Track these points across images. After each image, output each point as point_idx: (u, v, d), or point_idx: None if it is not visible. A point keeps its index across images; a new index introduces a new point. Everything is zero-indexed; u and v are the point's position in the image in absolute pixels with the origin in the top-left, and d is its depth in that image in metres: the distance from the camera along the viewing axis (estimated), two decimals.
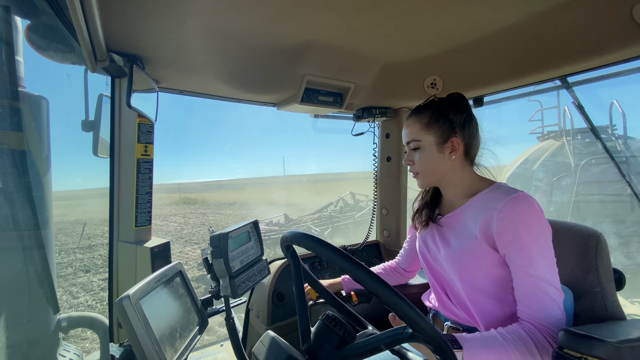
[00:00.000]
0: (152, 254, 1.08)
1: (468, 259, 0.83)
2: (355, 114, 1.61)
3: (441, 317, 0.96)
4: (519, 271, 0.75)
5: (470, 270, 0.84)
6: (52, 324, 1.10)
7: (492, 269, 0.80)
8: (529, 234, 0.74)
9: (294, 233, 0.68)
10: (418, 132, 0.89)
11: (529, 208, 0.76)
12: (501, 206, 0.77)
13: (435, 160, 0.89)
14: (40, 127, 1.07)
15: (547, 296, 0.71)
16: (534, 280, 0.72)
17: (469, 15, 0.87)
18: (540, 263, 0.73)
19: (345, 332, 0.61)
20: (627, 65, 0.97)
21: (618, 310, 0.86)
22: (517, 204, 0.76)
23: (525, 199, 0.77)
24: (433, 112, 0.89)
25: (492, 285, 0.81)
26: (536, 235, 0.74)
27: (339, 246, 1.49)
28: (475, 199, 0.86)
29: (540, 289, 0.72)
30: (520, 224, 0.74)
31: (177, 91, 1.25)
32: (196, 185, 78.04)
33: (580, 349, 0.58)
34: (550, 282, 0.72)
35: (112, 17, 0.76)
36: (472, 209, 0.86)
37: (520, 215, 0.75)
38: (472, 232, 0.83)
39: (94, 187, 56.45)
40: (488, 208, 0.80)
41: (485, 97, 1.39)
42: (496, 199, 0.80)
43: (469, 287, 0.85)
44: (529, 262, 0.73)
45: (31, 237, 1.02)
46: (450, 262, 0.88)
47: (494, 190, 0.84)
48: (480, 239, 0.80)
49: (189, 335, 0.82)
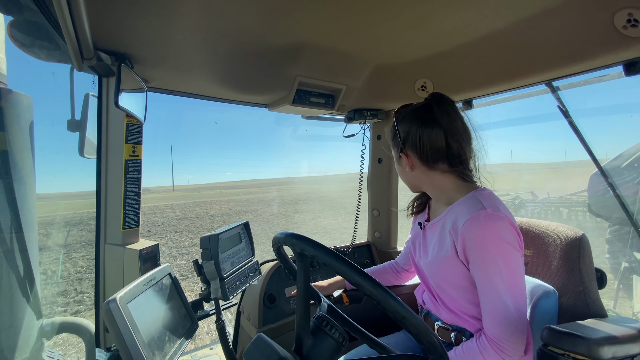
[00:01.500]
0: (140, 257, 1.06)
1: (441, 271, 0.85)
2: (346, 115, 1.62)
3: (432, 317, 0.97)
4: (479, 288, 0.77)
5: (445, 283, 0.86)
6: (35, 329, 1.07)
7: (464, 282, 0.82)
8: (486, 255, 0.74)
9: (285, 234, 0.67)
10: (388, 146, 0.96)
11: (487, 229, 0.73)
12: (461, 225, 0.76)
13: (401, 172, 0.95)
14: (23, 126, 1.04)
15: (501, 315, 0.73)
16: (492, 300, 0.74)
17: (458, 20, 0.88)
18: (497, 284, 0.73)
19: (339, 334, 0.61)
20: (610, 70, 1.00)
21: (600, 308, 0.89)
22: (475, 225, 0.74)
23: (485, 219, 0.73)
24: (391, 127, 0.93)
25: (469, 294, 0.83)
26: (493, 257, 0.73)
27: (331, 247, 1.49)
28: (449, 209, 0.84)
29: (495, 307, 0.74)
30: (477, 245, 0.74)
31: (166, 91, 1.23)
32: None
33: (564, 346, 0.60)
34: (507, 302, 0.73)
35: (99, 15, 0.74)
36: (446, 220, 0.84)
37: (477, 237, 0.74)
38: (444, 244, 0.83)
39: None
40: (456, 222, 0.79)
41: (475, 100, 1.42)
42: (463, 213, 0.78)
43: (447, 295, 0.88)
44: (487, 282, 0.74)
45: (13, 240, 0.99)
46: (427, 271, 0.91)
47: (465, 201, 0.81)
48: (451, 253, 0.80)
49: (178, 338, 0.81)
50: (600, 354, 0.57)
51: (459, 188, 0.86)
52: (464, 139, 0.85)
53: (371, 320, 1.39)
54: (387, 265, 1.26)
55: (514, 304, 0.73)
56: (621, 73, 0.95)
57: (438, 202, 0.92)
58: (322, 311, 0.68)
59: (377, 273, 1.25)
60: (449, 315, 0.89)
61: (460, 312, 0.86)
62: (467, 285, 0.81)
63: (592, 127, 47.43)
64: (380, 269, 1.26)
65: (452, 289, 0.85)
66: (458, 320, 0.88)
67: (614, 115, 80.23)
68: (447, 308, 0.90)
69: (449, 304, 0.89)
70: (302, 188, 45.49)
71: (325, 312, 0.67)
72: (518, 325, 0.72)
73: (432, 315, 0.98)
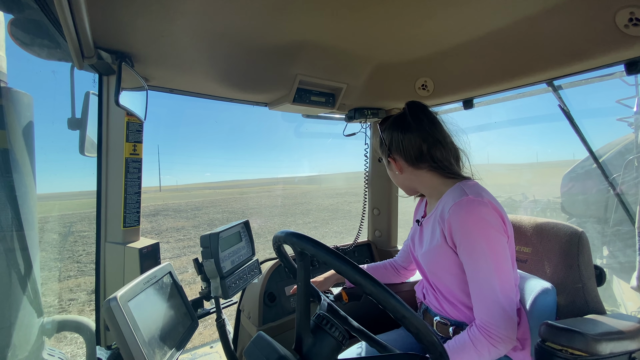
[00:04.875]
0: (140, 255, 1.07)
1: (435, 259, 0.88)
2: (347, 114, 1.62)
3: (431, 313, 0.98)
4: (468, 274, 0.79)
5: (439, 271, 0.89)
6: (36, 327, 1.07)
7: (455, 269, 0.84)
8: (470, 239, 0.76)
9: (286, 233, 0.68)
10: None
11: (469, 214, 0.77)
12: (447, 212, 0.81)
13: (393, 177, 1.01)
14: (24, 124, 1.04)
15: (489, 299, 0.74)
16: (479, 284, 0.76)
17: (459, 19, 0.88)
18: (483, 267, 0.75)
19: (339, 333, 0.61)
20: (611, 69, 1.00)
21: (598, 305, 0.90)
22: (459, 211, 0.78)
23: (467, 204, 0.77)
24: (378, 137, 1.01)
25: (462, 283, 0.85)
26: (478, 240, 0.76)
27: (332, 246, 1.50)
28: (439, 202, 0.90)
29: (482, 291, 0.75)
30: (462, 230, 0.77)
31: (167, 89, 1.23)
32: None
33: (561, 341, 0.60)
34: (494, 286, 0.74)
35: (100, 13, 0.74)
36: (437, 212, 0.90)
37: (460, 222, 0.78)
38: (435, 234, 0.88)
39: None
40: (443, 211, 0.84)
41: (475, 99, 1.42)
42: (448, 202, 0.83)
43: (443, 284, 0.90)
44: (474, 266, 0.77)
45: (14, 239, 0.99)
46: (423, 262, 0.94)
47: (451, 191, 0.86)
48: (441, 241, 0.84)
49: (179, 337, 0.81)
50: (598, 349, 0.57)
51: (445, 182, 0.92)
52: (439, 139, 0.92)
53: (371, 317, 1.40)
54: (387, 262, 1.27)
55: (501, 288, 0.74)
56: (622, 72, 0.95)
57: (431, 199, 0.98)
58: (322, 310, 0.68)
59: (376, 269, 1.26)
60: (447, 305, 0.91)
61: (457, 302, 0.89)
62: (459, 272, 0.84)
63: (592, 127, 47.97)
64: (380, 265, 1.27)
65: (447, 276, 0.87)
66: (456, 312, 0.89)
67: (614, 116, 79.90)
68: (444, 298, 0.92)
69: (445, 294, 0.91)
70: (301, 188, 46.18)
71: (325, 310, 0.68)
72: (507, 310, 0.73)
73: (431, 311, 0.98)
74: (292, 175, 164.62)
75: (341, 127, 1.67)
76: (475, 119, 36.90)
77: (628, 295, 3.19)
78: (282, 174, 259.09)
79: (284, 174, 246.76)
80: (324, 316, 0.63)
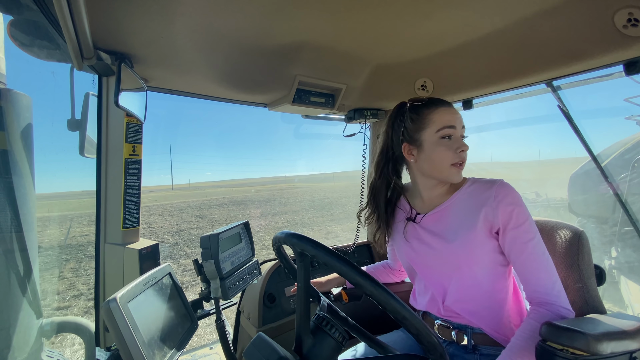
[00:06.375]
0: (140, 256, 1.06)
1: (467, 250, 0.85)
2: (346, 115, 1.62)
3: (432, 316, 0.97)
4: (521, 245, 0.80)
5: (470, 260, 0.85)
6: (35, 328, 1.07)
7: (491, 255, 0.85)
8: (521, 210, 0.81)
9: (286, 234, 0.67)
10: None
11: (514, 190, 0.84)
12: (493, 193, 0.84)
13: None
14: (23, 125, 1.04)
15: (551, 271, 0.78)
16: (537, 259, 0.79)
17: (458, 19, 0.88)
18: (539, 243, 0.80)
19: (339, 334, 0.61)
20: (610, 70, 1.00)
21: (599, 305, 0.89)
22: (505, 188, 0.84)
23: (507, 184, 0.85)
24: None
25: (486, 273, 0.85)
26: (526, 212, 0.82)
27: (332, 247, 1.50)
28: (459, 193, 0.91)
29: (541, 265, 0.78)
30: (514, 204, 0.82)
31: (166, 90, 1.23)
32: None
33: (562, 341, 0.60)
34: (549, 259, 0.79)
35: (99, 14, 0.74)
36: (459, 202, 0.90)
37: (510, 197, 0.82)
38: (469, 223, 0.85)
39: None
40: (481, 198, 0.85)
41: (475, 100, 1.42)
42: (483, 189, 0.86)
43: (466, 279, 0.86)
44: (528, 235, 0.80)
45: (13, 239, 0.99)
46: (450, 256, 0.87)
47: (474, 183, 0.91)
48: (480, 228, 0.84)
49: (178, 338, 0.81)
50: (599, 349, 0.57)
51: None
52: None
53: (371, 318, 1.40)
54: (382, 264, 1.27)
55: (550, 263, 0.79)
56: (621, 73, 0.95)
57: (439, 192, 0.94)
58: (322, 310, 0.68)
59: (375, 271, 1.25)
60: (455, 308, 0.88)
61: (470, 300, 0.87)
62: (490, 263, 0.85)
63: (592, 127, 48.31)
64: (379, 266, 1.27)
65: (474, 268, 0.85)
66: (464, 315, 0.87)
67: (614, 116, 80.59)
68: (455, 299, 0.88)
69: (460, 292, 0.87)
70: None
71: (325, 311, 0.67)
72: (560, 283, 0.78)
73: (431, 314, 0.97)
74: (291, 174, 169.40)
75: (341, 127, 1.67)
76: (475, 120, 37.12)
77: (636, 296, 3.19)
78: (281, 174, 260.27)
79: (283, 173, 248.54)
80: (323, 317, 0.62)
